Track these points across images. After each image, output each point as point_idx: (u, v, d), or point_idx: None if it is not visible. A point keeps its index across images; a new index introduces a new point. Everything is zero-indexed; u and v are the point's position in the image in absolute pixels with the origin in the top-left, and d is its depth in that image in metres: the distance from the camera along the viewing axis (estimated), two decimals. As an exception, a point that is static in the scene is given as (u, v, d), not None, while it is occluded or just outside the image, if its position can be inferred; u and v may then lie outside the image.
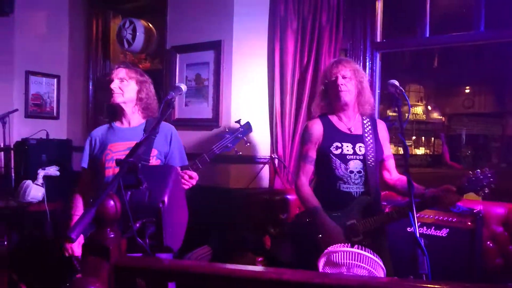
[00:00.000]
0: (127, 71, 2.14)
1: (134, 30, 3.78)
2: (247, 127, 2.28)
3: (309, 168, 2.18)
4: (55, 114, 4.26)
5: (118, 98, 2.11)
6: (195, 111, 3.31)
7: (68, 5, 4.32)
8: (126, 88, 2.11)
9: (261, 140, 3.21)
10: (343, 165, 2.09)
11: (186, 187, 1.88)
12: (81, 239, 1.17)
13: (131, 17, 3.87)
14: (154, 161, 2.02)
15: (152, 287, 1.11)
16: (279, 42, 3.15)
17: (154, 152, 2.03)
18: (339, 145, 2.10)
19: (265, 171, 3.25)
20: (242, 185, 3.18)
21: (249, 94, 3.24)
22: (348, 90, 2.08)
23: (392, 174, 2.18)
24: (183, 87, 1.85)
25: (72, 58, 4.32)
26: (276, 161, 3.16)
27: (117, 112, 2.17)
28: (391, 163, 2.19)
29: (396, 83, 1.80)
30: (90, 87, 4.18)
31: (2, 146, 3.30)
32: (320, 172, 2.18)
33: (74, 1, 4.31)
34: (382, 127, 2.21)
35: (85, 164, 2.20)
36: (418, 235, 1.33)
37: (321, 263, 1.52)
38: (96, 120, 4.17)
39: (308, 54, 3.15)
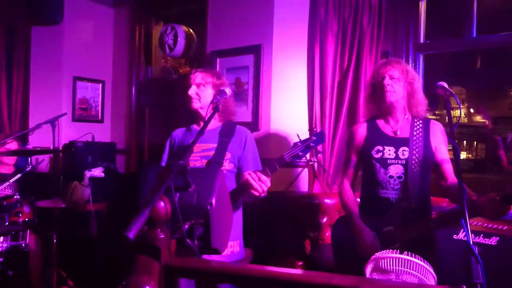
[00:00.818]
0: (203, 76, 2.15)
1: (176, 36, 3.87)
2: (320, 136, 2.20)
3: (351, 172, 2.17)
4: (100, 118, 4.43)
5: (195, 104, 2.13)
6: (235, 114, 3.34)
7: (112, 13, 4.50)
8: (202, 93, 2.13)
9: (301, 143, 3.19)
10: (382, 170, 2.03)
11: (256, 193, 1.85)
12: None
13: (172, 23, 3.96)
14: (227, 164, 2.03)
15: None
16: (319, 45, 3.13)
17: (228, 155, 2.05)
18: (381, 148, 2.05)
19: (304, 175, 3.23)
20: (281, 188, 3.18)
21: (288, 98, 3.24)
22: (394, 91, 2.02)
23: (448, 179, 2.03)
24: (228, 91, 1.87)
25: (116, 64, 4.49)
26: (316, 165, 3.14)
27: (194, 116, 2.20)
28: (446, 168, 2.05)
29: (445, 85, 1.74)
30: (133, 91, 4.31)
31: (51, 148, 3.45)
32: (364, 176, 2.15)
33: (118, 10, 4.48)
34: (437, 129, 2.09)
35: (163, 163, 2.27)
36: (471, 243, 1.28)
37: (369, 269, 1.49)
38: (138, 124, 4.30)
39: (349, 57, 3.11)
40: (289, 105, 3.24)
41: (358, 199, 2.21)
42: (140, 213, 1.05)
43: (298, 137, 2.21)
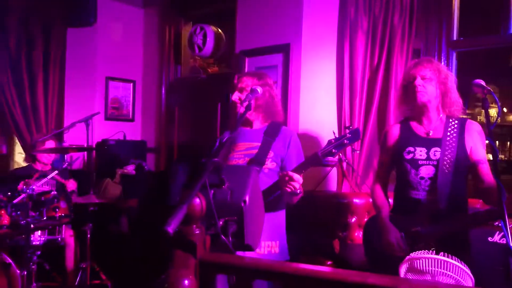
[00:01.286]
0: (245, 80, 2.16)
1: (205, 36, 3.92)
2: (355, 134, 2.18)
3: (384, 173, 2.15)
4: (131, 116, 4.54)
5: (239, 109, 2.09)
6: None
7: (143, 15, 4.60)
8: (245, 97, 2.10)
9: (329, 142, 3.18)
10: (413, 171, 2.00)
11: (288, 190, 1.85)
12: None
13: (202, 23, 4.01)
14: (269, 163, 2.04)
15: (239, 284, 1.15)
16: (349, 44, 3.11)
17: (271, 154, 2.06)
18: (412, 149, 2.02)
19: (333, 174, 3.22)
20: (309, 187, 3.17)
21: (317, 97, 3.23)
22: (425, 91, 1.98)
23: (484, 180, 1.95)
24: (259, 90, 1.88)
25: (146, 64, 4.58)
26: (345, 164, 3.11)
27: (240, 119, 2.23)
28: (482, 168, 1.97)
29: (483, 82, 1.69)
30: (163, 91, 4.40)
31: (85, 146, 3.57)
32: (396, 177, 2.12)
33: (149, 11, 4.58)
34: (473, 129, 2.02)
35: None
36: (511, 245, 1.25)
37: (403, 269, 1.47)
38: (167, 123, 4.38)
39: (379, 55, 3.07)
40: (318, 104, 3.23)
41: (391, 200, 2.19)
42: (178, 208, 1.08)
43: (334, 134, 2.19)
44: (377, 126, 3.13)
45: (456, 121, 2.02)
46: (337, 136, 2.03)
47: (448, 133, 2.01)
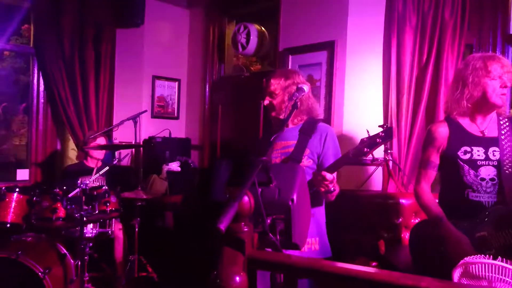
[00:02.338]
0: (272, 83, 2.18)
1: (248, 34, 3.95)
2: (388, 133, 2.15)
3: (431, 174, 2.05)
4: (176, 114, 4.65)
5: (272, 114, 2.19)
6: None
7: (188, 14, 4.70)
8: (275, 101, 2.17)
9: (375, 141, 3.11)
10: (472, 172, 1.92)
11: (322, 189, 1.85)
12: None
13: (245, 22, 4.04)
14: (305, 160, 2.05)
15: (286, 282, 1.15)
16: (396, 40, 3.02)
17: (307, 152, 2.06)
18: (468, 149, 1.93)
19: (378, 174, 3.15)
20: (353, 186, 3.12)
21: (362, 94, 3.16)
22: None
23: None
24: (306, 88, 1.88)
25: (191, 63, 4.68)
26: (391, 164, 3.04)
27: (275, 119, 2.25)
28: None
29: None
30: (207, 89, 4.47)
31: (133, 143, 3.70)
32: (446, 179, 2.03)
33: (193, 11, 4.67)
34: None
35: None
36: None
37: (457, 274, 1.42)
38: (211, 121, 4.46)
39: (428, 51, 2.97)
40: (363, 102, 3.16)
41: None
42: (229, 206, 1.09)
43: (368, 133, 2.15)
44: (425, 125, 3.02)
45: (506, 120, 1.94)
46: (370, 135, 2.01)
47: (503, 132, 1.92)
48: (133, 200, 3.38)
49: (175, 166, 3.99)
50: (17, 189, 2.78)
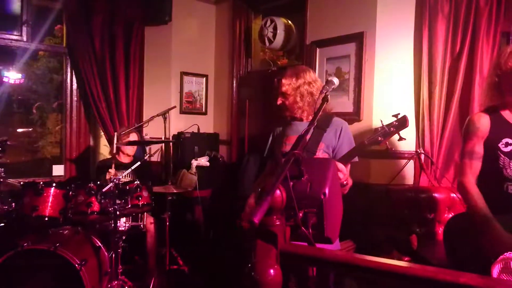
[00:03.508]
0: (284, 84, 2.20)
1: (275, 28, 3.93)
2: (403, 122, 2.13)
3: (476, 165, 1.95)
4: (203, 110, 4.70)
5: (286, 112, 2.23)
6: (335, 105, 3.29)
7: (215, 10, 4.72)
8: (288, 101, 2.20)
9: (405, 134, 3.04)
10: None
11: None
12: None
13: (272, 16, 4.02)
14: (320, 154, 2.06)
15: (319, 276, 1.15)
16: (428, 29, 2.94)
17: (322, 145, 2.07)
18: (510, 141, 1.86)
19: (409, 167, 3.08)
20: (383, 180, 3.07)
21: (393, 86, 3.10)
22: None
23: None
24: (336, 81, 1.85)
25: (218, 58, 4.71)
26: (422, 157, 2.97)
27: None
28: None
29: None
30: (234, 84, 4.49)
31: (163, 138, 3.76)
32: (485, 170, 1.95)
33: (220, 6, 4.68)
34: None
35: (264, 154, 2.40)
36: None
37: (496, 269, 1.38)
38: (239, 116, 4.47)
39: (462, 40, 2.88)
40: (394, 94, 3.10)
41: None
42: (262, 200, 1.10)
43: (382, 122, 2.14)
44: (459, 117, 2.94)
45: None
46: (384, 124, 2.02)
47: None
48: (164, 194, 3.45)
49: (204, 161, 4.03)
50: (54, 184, 2.88)
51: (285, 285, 1.23)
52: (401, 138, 2.04)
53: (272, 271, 1.00)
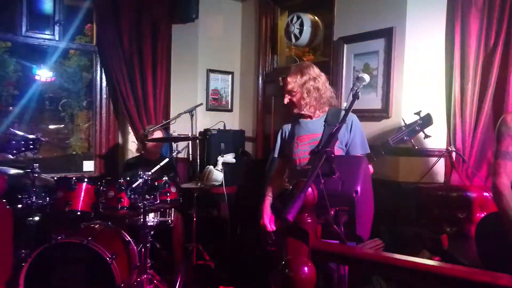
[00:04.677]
0: (289, 82, 2.26)
1: (302, 25, 3.90)
2: (427, 119, 2.13)
3: (511, 166, 1.90)
4: (229, 107, 4.72)
5: (294, 110, 2.28)
6: (363, 101, 3.22)
7: (241, 7, 4.73)
8: (295, 98, 2.25)
9: (436, 131, 2.97)
10: None
11: None
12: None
13: (298, 12, 4.00)
14: (335, 150, 2.06)
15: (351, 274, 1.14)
16: (460, 24, 2.86)
17: (336, 142, 2.08)
18: None
19: (440, 165, 3.01)
20: (413, 179, 3.01)
21: (423, 83, 3.03)
22: None
23: None
24: (366, 77, 1.84)
25: (244, 56, 4.72)
26: (454, 155, 2.90)
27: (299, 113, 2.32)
28: None
29: None
30: (260, 81, 4.49)
31: (190, 135, 3.80)
32: None
33: (246, 3, 4.69)
34: None
35: (276, 154, 2.43)
36: None
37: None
38: (264, 113, 4.48)
39: (496, 34, 2.78)
40: (424, 91, 3.03)
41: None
42: (295, 197, 1.10)
43: (404, 121, 2.13)
44: (493, 114, 2.85)
45: None
46: (407, 123, 2.02)
47: None
48: (191, 190, 3.49)
49: (230, 157, 4.06)
50: (85, 180, 2.97)
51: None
52: (426, 136, 2.01)
53: (306, 268, 1.00)
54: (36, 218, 2.86)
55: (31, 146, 2.65)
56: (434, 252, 2.54)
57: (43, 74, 5.34)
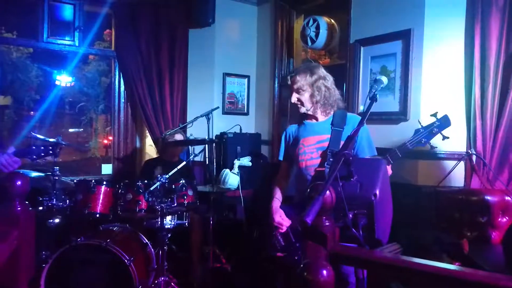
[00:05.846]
0: (297, 80, 2.23)
1: (318, 28, 3.89)
2: (445, 121, 2.09)
3: None
4: (245, 110, 4.73)
5: (301, 110, 2.27)
6: (380, 104, 3.16)
7: (256, 11, 4.75)
8: (303, 98, 2.24)
9: (455, 134, 2.93)
10: None
11: None
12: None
13: (314, 15, 3.99)
14: None
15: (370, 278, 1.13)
16: (480, 24, 2.81)
17: (342, 144, 2.06)
18: None
19: (459, 169, 2.96)
20: (432, 182, 2.97)
21: (441, 85, 2.99)
22: None
23: None
24: (384, 80, 1.82)
25: (260, 59, 4.73)
26: (474, 158, 2.84)
27: (304, 114, 2.31)
28: None
29: None
30: (276, 84, 4.49)
31: (207, 139, 3.82)
32: None
33: (262, 8, 4.71)
34: None
35: (281, 157, 2.43)
36: None
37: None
38: (280, 116, 4.47)
39: (518, 35, 2.73)
40: (443, 93, 2.98)
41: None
42: (313, 200, 1.09)
43: (420, 123, 2.11)
44: (515, 116, 2.79)
45: None
46: (423, 125, 1.99)
47: None
48: (207, 193, 3.51)
49: (246, 161, 4.06)
50: (104, 182, 3.01)
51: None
52: (444, 137, 1.99)
53: (325, 271, 1.00)
54: (56, 220, 2.90)
55: (51, 152, 2.70)
56: (454, 257, 2.49)
57: (63, 79, 5.46)
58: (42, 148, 2.62)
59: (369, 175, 1.36)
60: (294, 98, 2.26)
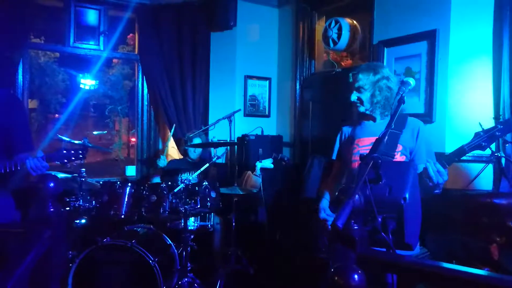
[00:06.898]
0: (361, 78, 2.16)
1: (340, 29, 3.86)
2: (508, 125, 1.98)
3: None
4: (267, 113, 4.74)
5: (359, 109, 2.18)
6: (404, 105, 3.17)
7: (278, 13, 4.75)
8: (364, 97, 2.15)
9: (483, 136, 2.86)
10: None
11: (430, 183, 1.78)
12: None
13: (336, 16, 3.96)
14: (398, 156, 2.00)
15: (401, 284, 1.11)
16: (509, 23, 2.74)
17: (399, 147, 2.01)
18: None
19: (488, 172, 2.89)
20: (459, 185, 2.90)
21: (469, 86, 2.92)
22: None
23: None
24: (412, 81, 1.79)
25: (281, 61, 4.73)
26: (503, 160, 2.77)
27: (361, 114, 2.24)
28: None
29: None
30: (297, 86, 4.48)
31: (229, 141, 3.84)
32: None
33: (283, 9, 4.71)
34: None
35: (334, 156, 2.38)
36: None
37: None
38: (302, 118, 4.46)
39: (549, 34, 2.65)
40: (470, 94, 2.92)
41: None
42: (344, 204, 1.09)
43: (481, 126, 2.00)
44: (546, 117, 2.71)
45: None
46: (484, 128, 1.87)
47: None
48: (230, 195, 3.52)
49: (268, 163, 4.06)
50: (129, 184, 3.05)
51: None
52: (506, 142, 1.90)
53: (356, 276, 0.99)
54: (83, 221, 2.96)
55: (81, 155, 2.76)
56: (483, 262, 2.43)
57: (88, 82, 5.58)
58: (72, 152, 2.67)
59: (399, 178, 1.34)
60: (354, 96, 2.19)
